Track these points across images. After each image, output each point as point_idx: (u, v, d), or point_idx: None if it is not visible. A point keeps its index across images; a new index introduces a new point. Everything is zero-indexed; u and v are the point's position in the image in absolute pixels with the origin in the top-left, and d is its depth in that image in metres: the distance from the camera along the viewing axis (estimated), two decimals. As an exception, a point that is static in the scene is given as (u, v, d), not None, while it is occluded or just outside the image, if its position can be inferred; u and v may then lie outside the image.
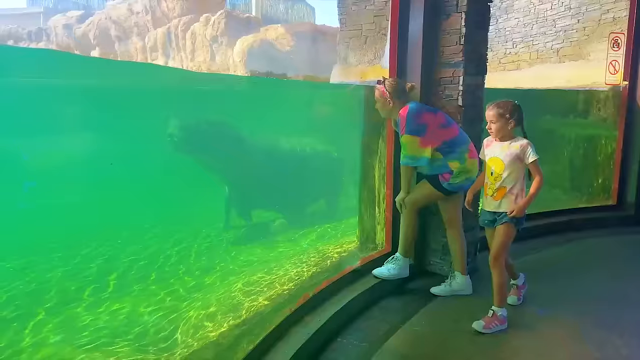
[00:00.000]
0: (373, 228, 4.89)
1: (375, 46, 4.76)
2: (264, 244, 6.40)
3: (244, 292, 4.11)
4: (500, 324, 3.39)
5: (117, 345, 3.17)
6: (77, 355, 3.01)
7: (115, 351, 3.08)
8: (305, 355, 2.94)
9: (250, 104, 9.64)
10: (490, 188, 3.41)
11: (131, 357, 3.00)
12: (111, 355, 2.99)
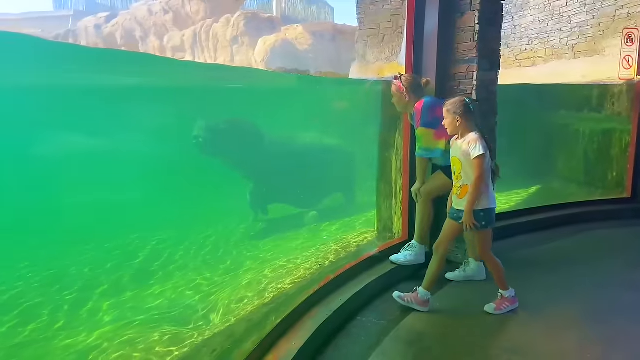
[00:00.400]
0: (390, 218, 5.10)
1: (392, 44, 4.96)
2: (289, 235, 6.66)
3: (270, 277, 4.41)
4: (511, 304, 3.58)
5: (163, 323, 3.54)
6: (129, 332, 3.34)
7: (161, 328, 3.43)
8: (327, 330, 3.19)
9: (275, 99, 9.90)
10: (455, 186, 3.51)
11: (175, 333, 3.35)
12: (158, 331, 3.32)
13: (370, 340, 3.19)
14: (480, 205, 3.34)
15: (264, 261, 5.15)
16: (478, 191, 3.28)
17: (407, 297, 3.61)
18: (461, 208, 3.39)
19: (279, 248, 5.89)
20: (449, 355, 2.99)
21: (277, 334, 2.90)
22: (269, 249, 5.89)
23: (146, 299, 4.06)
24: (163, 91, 8.99)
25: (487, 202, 3.36)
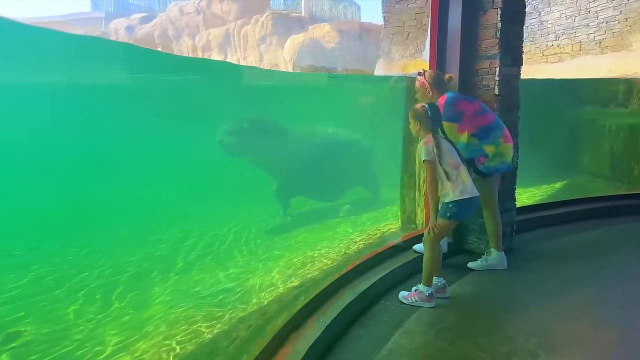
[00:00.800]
0: (413, 210, 5.27)
1: (417, 41, 5.12)
2: (316, 227, 6.89)
3: (298, 265, 4.69)
4: (421, 300, 3.62)
5: (204, 304, 3.93)
6: (176, 311, 3.78)
7: (202, 308, 3.83)
8: (353, 311, 3.39)
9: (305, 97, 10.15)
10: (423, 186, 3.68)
11: (216, 312, 3.72)
12: (200, 311, 3.72)
13: (393, 321, 3.39)
14: (448, 198, 3.51)
15: (293, 250, 5.43)
16: (429, 194, 3.52)
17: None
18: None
19: (306, 239, 6.15)
20: (468, 335, 3.16)
21: (306, 312, 3.12)
22: (298, 240, 6.15)
23: (188, 284, 4.47)
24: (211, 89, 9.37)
25: (456, 194, 3.49)
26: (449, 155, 3.55)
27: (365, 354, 2.94)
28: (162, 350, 3.18)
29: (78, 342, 3.41)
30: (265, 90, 9.90)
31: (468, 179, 3.56)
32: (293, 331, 2.90)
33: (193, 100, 9.32)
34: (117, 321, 3.75)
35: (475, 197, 3.57)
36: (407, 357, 2.89)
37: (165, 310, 3.81)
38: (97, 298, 4.28)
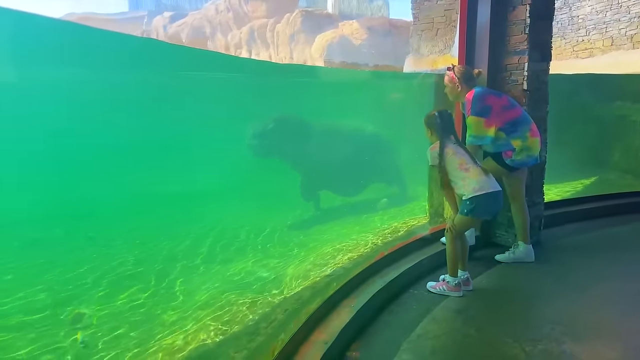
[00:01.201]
0: (441, 203, 5.37)
1: (446, 37, 5.20)
2: (346, 220, 7.05)
3: (330, 255, 4.93)
4: (448, 289, 3.75)
5: (244, 291, 4.29)
6: (220, 297, 4.13)
7: (244, 294, 4.17)
8: (382, 298, 3.52)
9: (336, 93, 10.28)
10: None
11: (255, 298, 4.06)
12: (242, 297, 4.08)
13: (421, 308, 3.51)
14: (464, 196, 3.62)
15: (324, 243, 5.64)
16: (444, 194, 3.81)
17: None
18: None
19: (337, 232, 6.33)
20: (494, 323, 3.26)
21: (338, 297, 3.27)
22: (328, 233, 6.34)
23: (230, 273, 4.83)
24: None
25: (469, 192, 3.59)
26: (456, 158, 3.64)
27: (394, 338, 3.07)
28: (210, 331, 3.51)
29: (136, 323, 3.79)
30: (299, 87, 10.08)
31: (482, 176, 3.60)
32: (326, 314, 3.05)
33: (233, 97, 9.57)
34: (169, 305, 4.12)
35: (494, 192, 3.60)
36: (435, 342, 3.01)
37: (211, 296, 4.15)
38: (151, 285, 4.65)
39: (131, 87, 8.58)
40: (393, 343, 3.00)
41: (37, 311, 3.99)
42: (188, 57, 8.51)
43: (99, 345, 3.42)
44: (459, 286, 3.74)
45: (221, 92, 9.45)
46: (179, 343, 3.37)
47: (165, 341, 3.42)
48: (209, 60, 8.77)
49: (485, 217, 3.79)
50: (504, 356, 2.82)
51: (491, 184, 3.60)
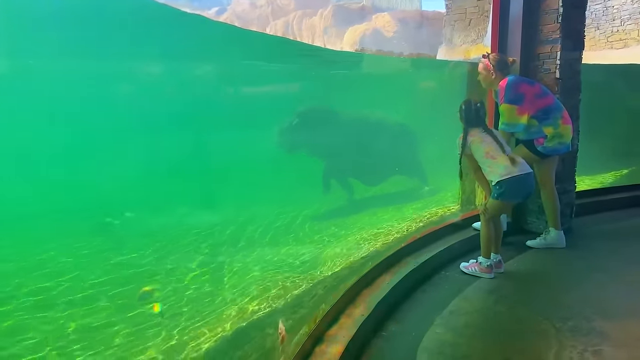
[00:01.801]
0: (473, 191, 5.46)
1: (478, 27, 5.28)
2: (378, 210, 7.21)
3: (365, 240, 5.23)
4: (480, 270, 3.88)
5: (289, 271, 4.66)
6: (268, 276, 4.54)
7: (288, 274, 4.55)
8: (415, 278, 3.67)
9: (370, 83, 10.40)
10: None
11: (298, 276, 4.41)
12: (286, 276, 4.47)
13: (453, 288, 3.64)
14: (494, 181, 3.74)
15: (359, 229, 5.85)
16: (476, 180, 4.04)
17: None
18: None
19: (370, 220, 6.54)
20: (525, 302, 3.37)
21: (373, 275, 3.44)
22: (362, 220, 6.57)
23: (276, 255, 5.21)
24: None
25: (496, 176, 3.71)
26: (483, 146, 3.76)
27: (427, 314, 3.22)
28: (260, 304, 3.88)
29: (196, 299, 4.22)
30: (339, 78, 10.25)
31: (509, 161, 3.68)
32: (362, 289, 3.22)
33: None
34: (224, 282, 4.57)
35: (522, 175, 3.67)
36: (466, 318, 3.15)
37: (260, 275, 4.56)
38: (212, 268, 5.04)
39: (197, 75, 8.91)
40: (426, 318, 3.15)
41: (114, 287, 4.42)
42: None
43: (174, 311, 3.91)
44: (490, 268, 3.85)
45: (269, 81, 9.67)
46: (234, 314, 3.75)
47: (224, 312, 3.82)
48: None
49: (515, 200, 3.86)
50: (534, 331, 2.93)
51: (520, 168, 3.68)
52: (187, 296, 4.24)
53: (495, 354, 2.69)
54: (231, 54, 8.36)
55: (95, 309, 3.98)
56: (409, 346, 2.79)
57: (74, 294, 4.26)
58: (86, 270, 4.73)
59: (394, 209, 7.30)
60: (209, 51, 7.96)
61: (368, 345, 2.79)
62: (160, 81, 8.48)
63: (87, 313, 3.91)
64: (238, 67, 9.00)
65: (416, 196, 7.96)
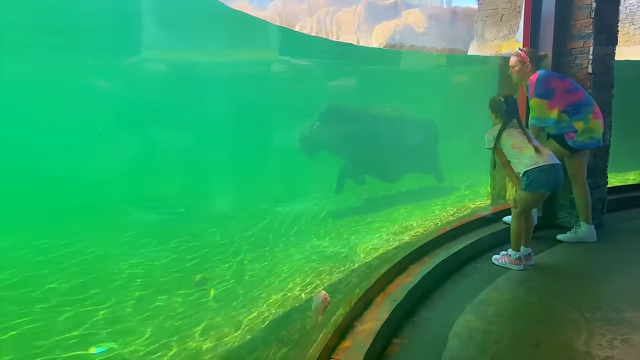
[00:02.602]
0: (504, 186, 5.50)
1: (510, 23, 5.31)
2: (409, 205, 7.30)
3: (394, 233, 5.38)
4: (510, 262, 3.94)
5: (325, 261, 4.89)
6: (307, 265, 4.82)
7: (325, 263, 4.80)
8: (446, 269, 3.76)
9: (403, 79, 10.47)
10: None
11: (333, 266, 4.65)
12: (323, 265, 4.72)
13: (483, 279, 3.72)
14: (520, 171, 3.79)
15: (389, 222, 5.99)
16: (506, 174, 4.04)
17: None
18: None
19: (400, 214, 6.65)
20: (554, 292, 3.43)
21: (404, 264, 3.55)
22: (392, 215, 6.68)
23: (312, 247, 5.51)
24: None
25: (522, 167, 3.76)
26: (510, 139, 3.82)
27: (457, 302, 3.31)
28: (301, 289, 4.17)
29: (249, 284, 4.54)
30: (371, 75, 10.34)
31: (535, 152, 3.73)
32: (395, 277, 3.34)
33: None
34: (270, 270, 4.88)
35: (549, 166, 3.70)
36: (497, 307, 3.23)
37: (300, 264, 4.86)
38: (259, 256, 5.35)
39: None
40: (457, 306, 3.24)
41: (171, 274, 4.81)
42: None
43: (226, 296, 4.25)
44: (519, 260, 3.91)
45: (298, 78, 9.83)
46: (279, 298, 4.03)
47: (271, 296, 4.09)
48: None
49: (542, 190, 3.85)
50: (564, 320, 3.00)
51: (546, 159, 3.72)
52: (239, 281, 4.58)
53: (525, 340, 2.77)
54: (274, 51, 8.58)
55: (160, 291, 4.34)
56: (440, 331, 2.89)
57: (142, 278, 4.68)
58: (151, 258, 5.14)
59: (425, 203, 7.37)
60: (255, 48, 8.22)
61: (400, 329, 2.90)
62: (219, 77, 8.75)
63: (153, 294, 4.28)
64: (279, 63, 9.19)
65: (444, 191, 8.00)
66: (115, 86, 7.94)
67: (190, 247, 5.52)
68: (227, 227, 6.31)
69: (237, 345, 3.25)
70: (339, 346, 2.44)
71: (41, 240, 5.52)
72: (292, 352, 2.78)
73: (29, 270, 4.69)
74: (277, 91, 9.51)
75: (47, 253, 5.19)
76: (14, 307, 3.88)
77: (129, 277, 4.60)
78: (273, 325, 3.48)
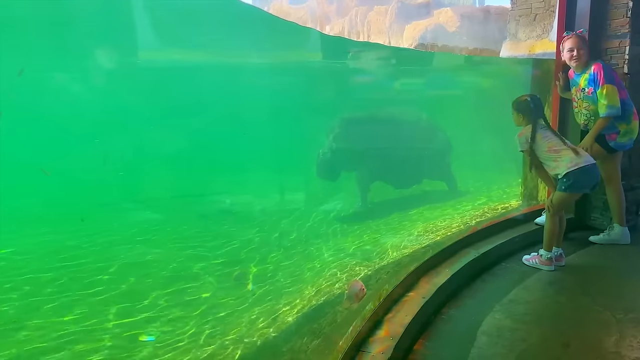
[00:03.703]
0: (536, 186, 5.47)
1: (544, 22, 5.25)
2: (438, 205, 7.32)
3: (425, 232, 5.33)
4: (541, 263, 3.91)
5: (355, 257, 5.04)
6: (337, 262, 4.98)
7: (352, 261, 4.93)
8: (475, 267, 3.78)
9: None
10: None
11: (363, 263, 4.80)
12: (354, 263, 4.83)
13: (513, 278, 3.73)
14: (560, 174, 3.73)
15: (419, 222, 6.01)
16: (538, 176, 4.06)
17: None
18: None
19: (430, 214, 6.68)
20: (585, 293, 3.42)
21: (433, 262, 3.59)
22: (422, 214, 6.71)
23: (343, 245, 5.69)
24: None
25: (562, 169, 3.70)
26: (545, 142, 3.78)
27: (486, 301, 3.33)
28: (331, 284, 4.34)
29: (283, 280, 4.76)
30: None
31: (574, 153, 3.70)
32: (423, 275, 3.38)
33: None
34: (303, 266, 5.11)
35: (589, 166, 3.68)
36: (526, 307, 3.24)
37: (330, 261, 5.05)
38: (293, 253, 5.62)
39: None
40: (485, 305, 3.26)
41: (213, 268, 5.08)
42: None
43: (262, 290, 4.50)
44: (550, 260, 3.89)
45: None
46: (311, 293, 4.19)
47: (304, 291, 4.26)
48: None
49: (583, 190, 3.86)
50: (595, 321, 3.00)
51: (585, 159, 3.70)
52: (274, 277, 4.82)
53: (554, 340, 2.78)
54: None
55: (204, 285, 4.63)
56: (469, 328, 2.92)
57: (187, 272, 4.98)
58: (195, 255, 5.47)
59: (455, 204, 7.37)
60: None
61: (428, 325, 2.95)
62: (263, 78, 9.00)
63: (197, 288, 4.58)
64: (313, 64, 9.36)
65: (475, 192, 7.96)
66: (163, 86, 8.24)
67: (229, 244, 5.79)
68: (266, 224, 6.57)
69: (273, 336, 3.40)
70: (368, 339, 2.50)
71: (99, 234, 6.04)
72: (323, 343, 2.87)
73: (84, 259, 5.18)
74: (314, 93, 9.68)
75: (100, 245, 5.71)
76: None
77: (174, 272, 4.94)
78: (306, 318, 3.61)
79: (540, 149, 3.80)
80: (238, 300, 4.18)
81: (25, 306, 4.19)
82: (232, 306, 4.08)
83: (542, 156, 3.82)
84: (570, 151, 3.71)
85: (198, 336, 3.57)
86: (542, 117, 3.89)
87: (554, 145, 3.77)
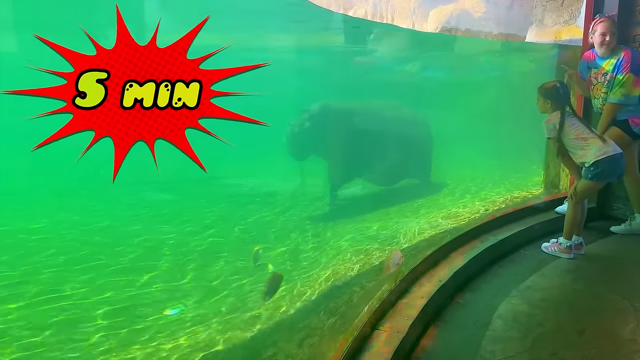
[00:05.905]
0: (557, 175, 5.42)
1: (571, 8, 5.16)
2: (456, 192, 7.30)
3: (443, 217, 5.41)
4: (560, 251, 3.90)
5: (373, 243, 5.01)
6: (354, 247, 4.96)
7: (370, 244, 4.96)
8: (493, 254, 3.79)
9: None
10: None
11: (380, 247, 4.80)
12: (370, 247, 4.85)
13: (531, 265, 3.73)
14: (588, 162, 3.67)
15: (437, 207, 6.07)
16: (563, 164, 4.06)
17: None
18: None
19: (448, 200, 6.67)
20: (603, 282, 3.42)
21: (451, 247, 3.61)
22: (440, 201, 6.72)
23: (361, 230, 5.68)
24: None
25: (590, 157, 3.64)
26: (572, 129, 3.73)
27: (502, 286, 3.35)
28: (348, 268, 4.35)
29: (302, 260, 4.86)
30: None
31: (602, 141, 3.66)
32: (441, 259, 3.41)
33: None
34: (321, 249, 5.19)
35: (617, 155, 3.64)
36: (543, 293, 3.25)
37: (349, 246, 5.04)
38: (310, 237, 5.66)
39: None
40: (502, 290, 3.28)
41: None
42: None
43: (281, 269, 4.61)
44: (570, 249, 3.88)
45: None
46: (329, 274, 4.26)
47: (321, 273, 4.32)
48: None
49: (610, 179, 3.83)
50: (612, 309, 3.00)
51: (612, 148, 3.66)
52: (294, 258, 4.91)
53: (570, 326, 2.80)
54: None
55: (226, 264, 4.76)
56: (484, 312, 2.95)
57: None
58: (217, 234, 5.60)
59: (474, 190, 7.33)
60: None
61: (444, 308, 2.99)
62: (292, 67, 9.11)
63: (220, 267, 4.70)
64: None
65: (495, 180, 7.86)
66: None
67: (250, 225, 5.92)
68: (286, 207, 6.67)
69: (291, 314, 3.49)
70: (383, 319, 2.55)
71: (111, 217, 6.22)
72: (339, 321, 2.93)
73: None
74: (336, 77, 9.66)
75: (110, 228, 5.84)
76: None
77: (197, 251, 5.08)
78: (323, 297, 3.68)
79: (568, 136, 3.75)
80: (260, 278, 4.28)
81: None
82: (251, 284, 4.21)
83: (569, 144, 3.77)
84: (598, 139, 3.68)
85: (219, 307, 3.75)
86: (569, 104, 3.85)
87: (582, 133, 3.73)
